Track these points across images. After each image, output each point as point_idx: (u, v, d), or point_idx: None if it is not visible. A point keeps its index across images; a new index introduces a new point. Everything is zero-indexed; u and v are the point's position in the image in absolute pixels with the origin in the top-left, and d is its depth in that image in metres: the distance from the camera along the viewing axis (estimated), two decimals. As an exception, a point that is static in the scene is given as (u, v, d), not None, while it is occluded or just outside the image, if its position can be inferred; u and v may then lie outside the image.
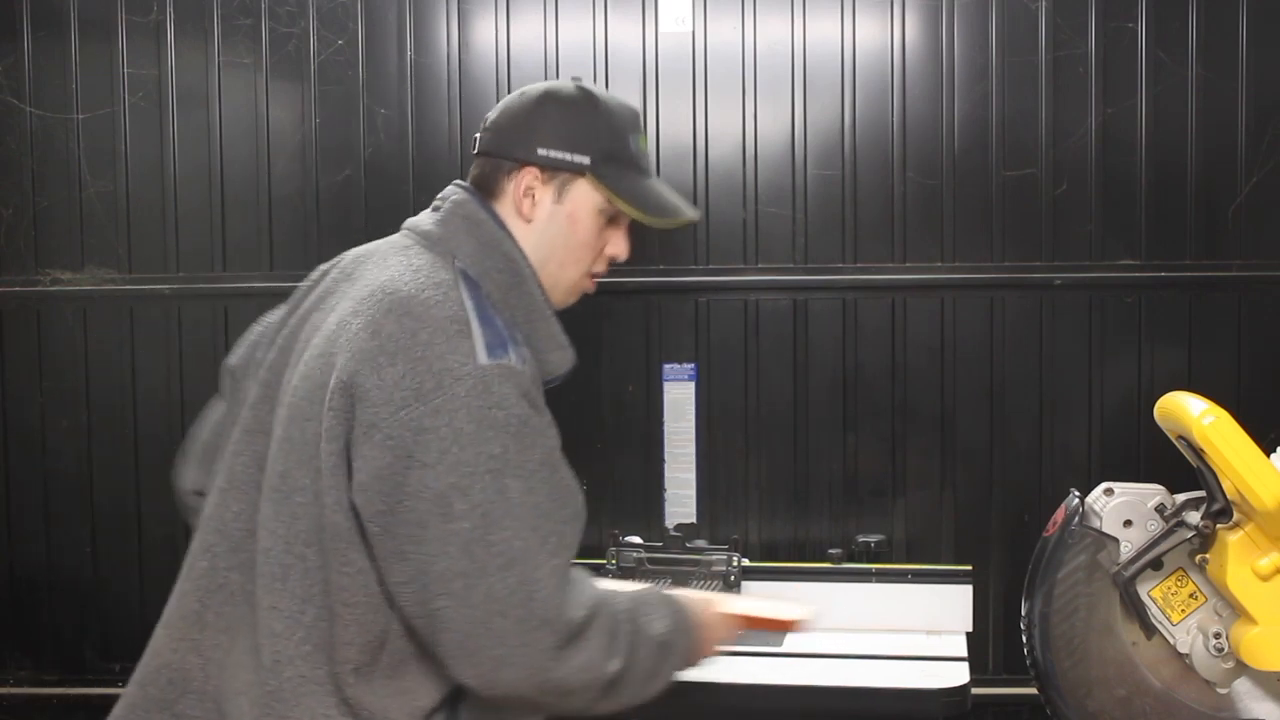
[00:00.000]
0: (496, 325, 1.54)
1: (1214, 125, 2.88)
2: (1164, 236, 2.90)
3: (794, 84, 2.98)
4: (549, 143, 1.68)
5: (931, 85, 2.94)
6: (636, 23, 3.00)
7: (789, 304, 2.99)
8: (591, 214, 1.70)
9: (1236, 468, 2.03)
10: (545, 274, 1.69)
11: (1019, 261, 2.93)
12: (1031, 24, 2.91)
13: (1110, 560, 2.20)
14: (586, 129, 1.70)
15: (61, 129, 3.08)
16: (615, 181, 1.69)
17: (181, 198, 3.07)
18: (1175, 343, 2.90)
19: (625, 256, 1.77)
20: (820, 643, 2.73)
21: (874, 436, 2.98)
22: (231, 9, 3.04)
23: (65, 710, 3.09)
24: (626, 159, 1.71)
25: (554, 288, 1.71)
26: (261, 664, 1.54)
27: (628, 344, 3.02)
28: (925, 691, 2.42)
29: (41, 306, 3.10)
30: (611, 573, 2.85)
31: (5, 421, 3.11)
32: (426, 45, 3.03)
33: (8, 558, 3.10)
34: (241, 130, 3.06)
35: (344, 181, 3.04)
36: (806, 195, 2.97)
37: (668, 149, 3.00)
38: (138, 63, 3.07)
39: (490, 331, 1.52)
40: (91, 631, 3.07)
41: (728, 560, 2.82)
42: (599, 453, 3.03)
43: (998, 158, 2.93)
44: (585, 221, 1.70)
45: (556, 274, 1.71)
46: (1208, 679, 2.21)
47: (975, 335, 2.95)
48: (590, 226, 1.71)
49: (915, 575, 2.84)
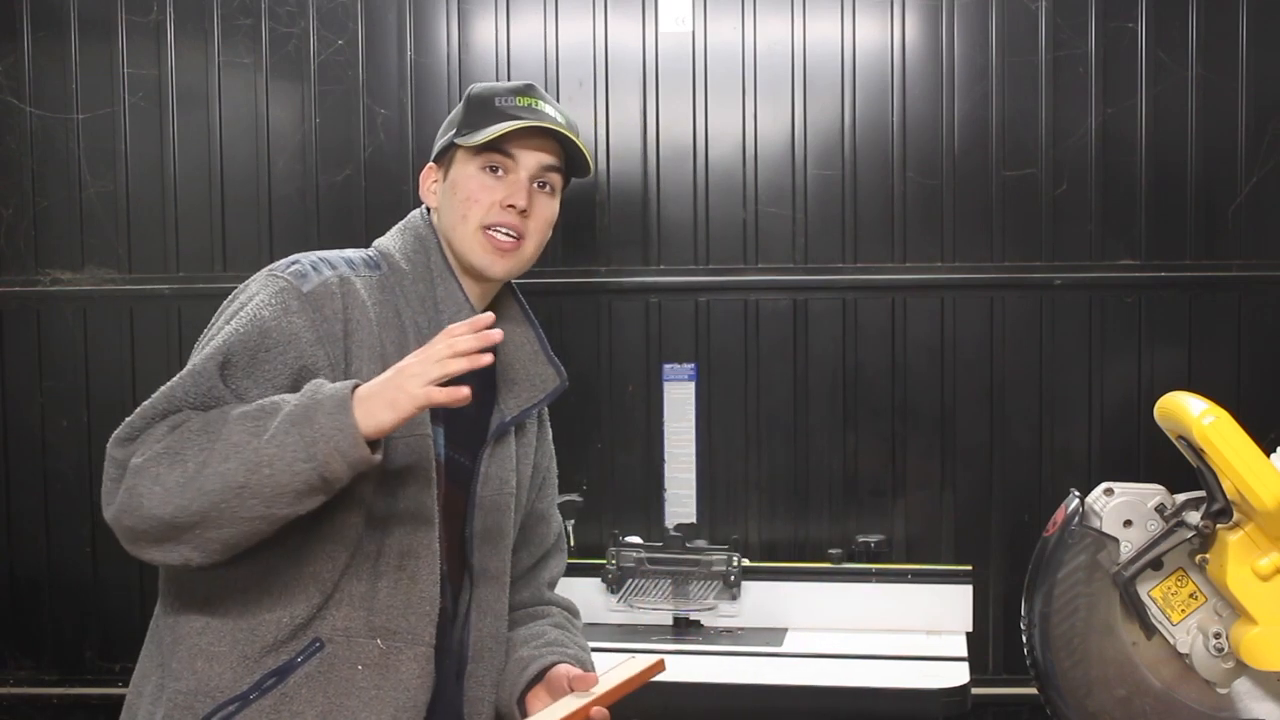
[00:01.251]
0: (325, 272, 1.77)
1: (1214, 125, 2.88)
2: (1164, 236, 2.90)
3: (794, 84, 2.98)
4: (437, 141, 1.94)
5: (931, 85, 2.94)
6: (636, 23, 3.00)
7: (789, 304, 2.99)
8: (464, 174, 1.86)
9: (1236, 468, 2.02)
10: (455, 238, 1.86)
11: (1019, 261, 2.93)
12: (1031, 24, 2.91)
13: (1110, 560, 2.20)
14: (458, 114, 1.91)
15: (61, 129, 3.08)
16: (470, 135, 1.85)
17: (181, 198, 3.07)
18: (1175, 343, 2.90)
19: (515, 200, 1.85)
20: (820, 643, 2.73)
21: (874, 436, 2.98)
22: (231, 9, 3.04)
23: (65, 710, 3.09)
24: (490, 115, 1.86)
25: (466, 249, 1.85)
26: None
27: (628, 344, 3.02)
28: (925, 691, 2.42)
29: (41, 306, 3.10)
30: (611, 573, 2.85)
31: (5, 421, 3.11)
32: (426, 45, 3.03)
33: (8, 558, 3.11)
34: (241, 130, 3.06)
35: (344, 181, 3.04)
36: (806, 195, 2.98)
37: (668, 149, 3.00)
38: (138, 63, 3.07)
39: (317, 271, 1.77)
40: (91, 631, 3.07)
41: (728, 560, 2.83)
42: (599, 453, 3.03)
43: (998, 158, 2.93)
44: (460, 182, 1.86)
45: (458, 235, 1.86)
46: (1208, 679, 2.20)
47: (975, 335, 2.95)
48: (466, 185, 1.85)
49: (915, 575, 2.85)
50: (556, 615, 2.04)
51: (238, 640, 1.70)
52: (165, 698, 1.72)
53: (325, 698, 1.70)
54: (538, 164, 1.87)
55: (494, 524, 1.90)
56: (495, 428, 1.89)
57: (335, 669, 1.71)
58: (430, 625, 1.76)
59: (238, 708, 1.69)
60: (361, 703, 1.71)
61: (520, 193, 1.85)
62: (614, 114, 3.01)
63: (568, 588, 2.78)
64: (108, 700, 3.02)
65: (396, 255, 1.86)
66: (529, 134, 1.85)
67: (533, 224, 1.87)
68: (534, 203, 1.87)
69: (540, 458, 2.04)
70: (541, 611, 2.03)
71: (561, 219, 3.13)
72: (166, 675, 1.74)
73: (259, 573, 1.71)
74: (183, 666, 1.72)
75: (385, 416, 1.57)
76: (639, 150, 3.01)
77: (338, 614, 1.71)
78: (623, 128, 3.01)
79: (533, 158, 1.86)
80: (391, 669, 1.73)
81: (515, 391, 1.92)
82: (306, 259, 1.79)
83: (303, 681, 1.70)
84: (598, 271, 3.01)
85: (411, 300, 1.82)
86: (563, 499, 2.94)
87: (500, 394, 1.91)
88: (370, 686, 1.72)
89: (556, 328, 3.03)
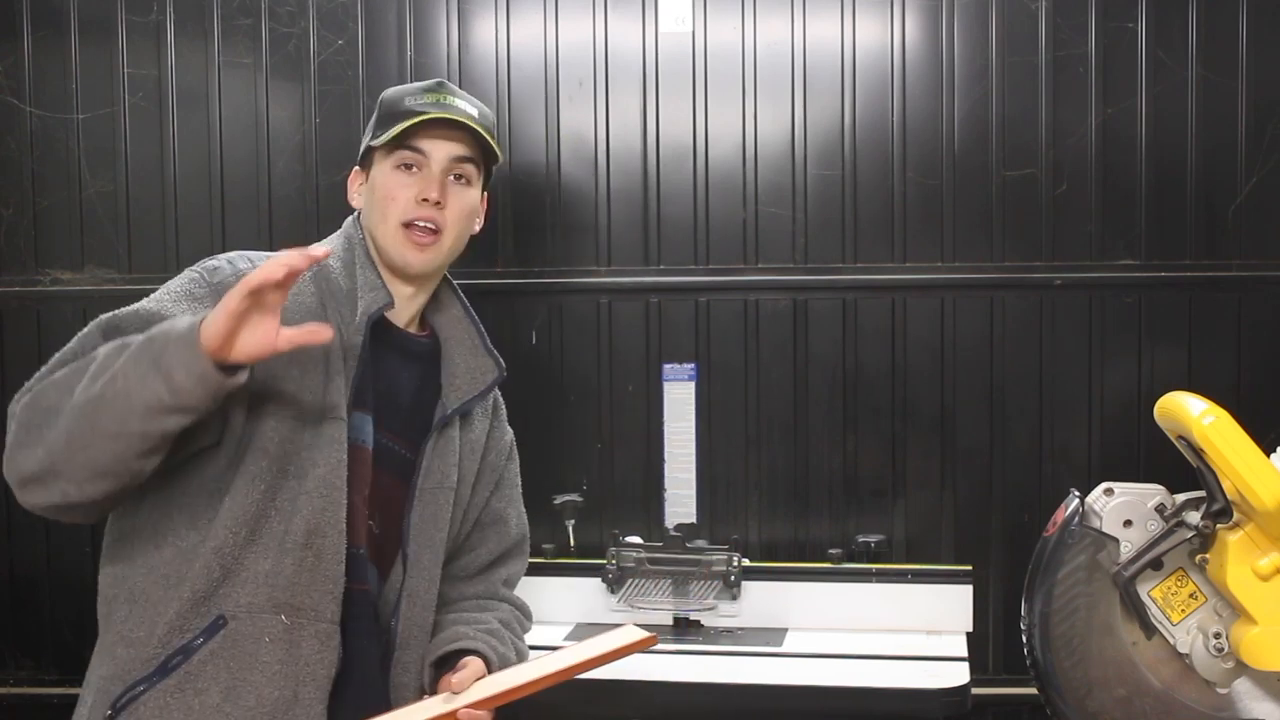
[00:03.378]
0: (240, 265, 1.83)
1: (1214, 125, 2.88)
2: (1164, 236, 2.90)
3: (794, 84, 2.98)
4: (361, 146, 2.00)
5: (931, 85, 2.94)
6: (636, 23, 3.00)
7: (789, 304, 2.99)
8: (381, 173, 1.93)
9: (1236, 468, 2.03)
10: (377, 236, 1.92)
11: (1019, 261, 2.93)
12: (1031, 24, 2.91)
13: (1110, 560, 2.20)
14: (373, 119, 1.97)
15: (61, 129, 3.08)
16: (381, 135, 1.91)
17: (181, 198, 3.07)
18: (1175, 343, 2.90)
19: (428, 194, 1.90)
20: (820, 643, 2.73)
21: (874, 436, 2.98)
22: (231, 9, 3.04)
23: (65, 710, 3.07)
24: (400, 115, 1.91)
25: (389, 246, 1.90)
26: None
27: (628, 344, 3.02)
28: (925, 691, 2.42)
29: (41, 306, 3.10)
30: (611, 573, 2.85)
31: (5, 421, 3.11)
32: (426, 45, 3.03)
33: (8, 558, 3.11)
34: (241, 130, 3.06)
35: (344, 181, 3.01)
36: (806, 195, 2.97)
37: (668, 149, 3.00)
38: (138, 63, 3.07)
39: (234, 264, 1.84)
40: (91, 631, 3.05)
41: (728, 560, 2.83)
42: (599, 453, 3.03)
43: (998, 158, 2.93)
44: (378, 182, 1.93)
45: (380, 232, 1.91)
46: (1208, 679, 2.21)
47: (975, 335, 2.95)
48: (383, 184, 1.92)
49: (915, 575, 2.85)
50: (505, 611, 2.06)
51: (151, 623, 1.76)
52: (93, 684, 1.83)
53: (229, 673, 1.75)
54: (447, 155, 1.91)
55: (431, 515, 1.94)
56: (437, 419, 1.94)
57: (239, 644, 1.75)
58: (334, 603, 1.80)
59: (145, 689, 1.75)
60: (265, 677, 1.75)
61: (433, 186, 1.89)
62: (614, 114, 3.01)
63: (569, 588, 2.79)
64: (108, 700, 3.02)
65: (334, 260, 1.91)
66: (438, 126, 1.90)
67: (450, 215, 1.91)
68: (449, 194, 1.91)
69: (493, 455, 2.07)
70: (492, 605, 2.06)
71: (562, 219, 3.14)
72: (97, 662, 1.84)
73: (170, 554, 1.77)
74: (107, 653, 1.82)
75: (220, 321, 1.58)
76: (639, 150, 3.01)
77: (242, 591, 1.75)
78: (623, 128, 3.01)
79: (442, 149, 1.91)
80: (295, 644, 1.77)
81: (456, 385, 1.97)
82: (227, 256, 1.87)
83: (207, 659, 1.74)
84: (598, 271, 3.01)
85: (337, 294, 1.87)
86: (563, 499, 2.96)
87: (444, 389, 1.96)
88: (274, 661, 1.76)
89: (556, 328, 3.03)
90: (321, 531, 1.78)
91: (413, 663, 1.93)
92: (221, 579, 1.75)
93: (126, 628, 1.79)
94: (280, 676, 1.76)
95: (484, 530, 2.08)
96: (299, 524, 1.77)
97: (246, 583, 1.75)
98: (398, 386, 1.93)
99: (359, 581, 1.86)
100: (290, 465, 1.78)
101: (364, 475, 1.85)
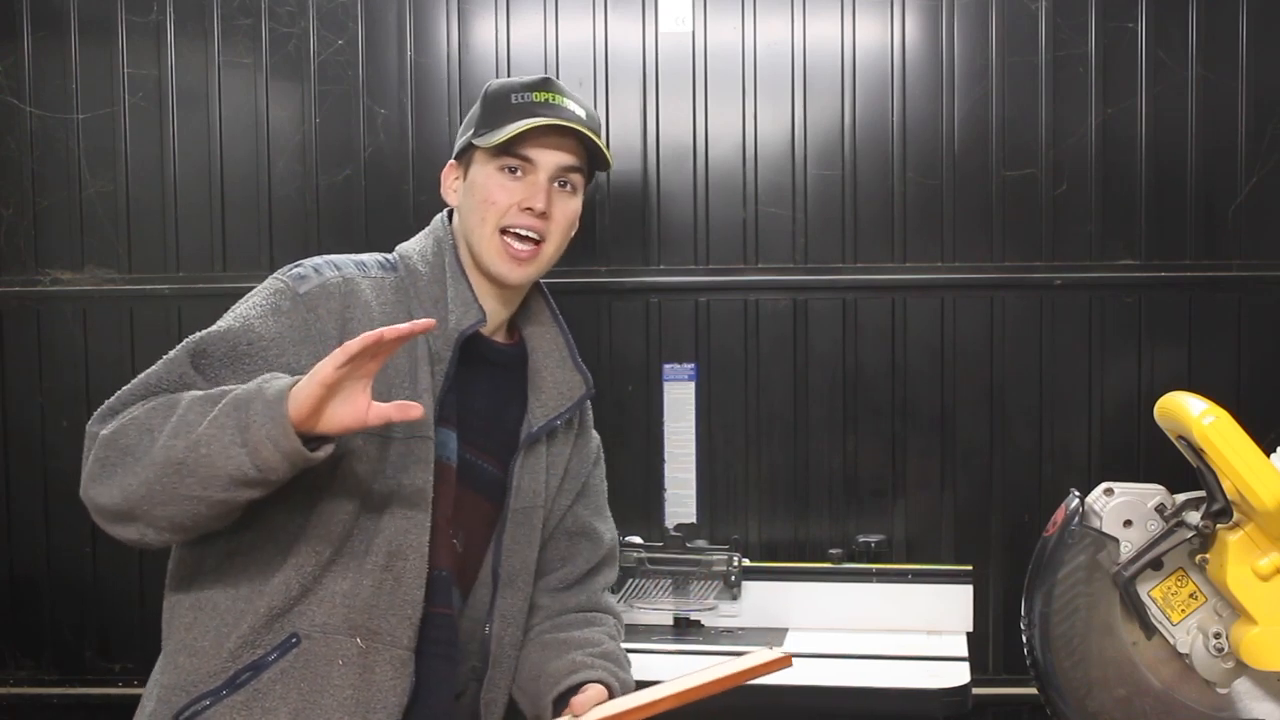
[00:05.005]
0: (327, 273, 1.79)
1: (1214, 125, 2.88)
2: (1164, 236, 2.90)
3: (794, 84, 2.98)
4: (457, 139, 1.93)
5: (931, 85, 2.94)
6: (636, 23, 3.00)
7: (789, 304, 2.99)
8: (482, 174, 1.83)
9: (1236, 468, 2.03)
10: (473, 240, 1.84)
11: (1019, 261, 2.93)
12: (1031, 24, 2.91)
13: (1110, 560, 2.20)
14: (475, 112, 1.87)
15: (61, 129, 3.08)
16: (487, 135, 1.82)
17: (181, 198, 3.07)
18: (1175, 343, 2.90)
19: (534, 203, 1.82)
20: (820, 643, 2.73)
21: (874, 436, 2.98)
22: (231, 9, 3.04)
23: (65, 710, 3.09)
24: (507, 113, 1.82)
25: (484, 252, 1.83)
26: None
27: (628, 344, 3.02)
28: (926, 691, 2.42)
29: (41, 306, 3.10)
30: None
31: (5, 421, 3.11)
32: (426, 45, 3.03)
33: (8, 558, 3.10)
34: (241, 130, 3.06)
35: (344, 181, 3.04)
36: (806, 195, 2.98)
37: (668, 149, 3.00)
38: (138, 63, 3.07)
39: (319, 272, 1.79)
40: (91, 631, 3.07)
41: (728, 560, 2.83)
42: (599, 453, 3.03)
43: (998, 158, 2.93)
44: (479, 183, 1.83)
45: (477, 236, 1.83)
46: (1208, 679, 2.21)
47: (975, 335, 2.95)
48: (484, 186, 1.82)
49: (915, 575, 2.85)
50: (610, 625, 2.02)
51: (219, 635, 1.70)
52: (156, 691, 1.75)
53: (299, 695, 1.69)
54: (556, 165, 1.84)
55: (525, 536, 1.90)
56: (524, 438, 1.88)
57: (311, 665, 1.70)
58: (411, 629, 1.75)
59: (211, 703, 1.69)
60: (336, 702, 1.70)
61: (539, 195, 1.82)
62: (614, 114, 3.01)
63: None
64: (108, 700, 3.02)
65: (415, 258, 1.86)
66: (546, 133, 1.81)
67: (553, 225, 1.84)
68: (554, 203, 1.84)
69: (577, 464, 2.02)
70: (596, 619, 2.02)
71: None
72: (161, 668, 1.76)
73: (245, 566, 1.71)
74: (169, 661, 1.74)
75: (313, 391, 1.53)
76: (639, 150, 3.01)
77: (318, 610, 1.70)
78: (623, 128, 3.01)
79: (551, 158, 1.83)
80: (368, 669, 1.72)
81: (542, 400, 1.91)
82: (311, 262, 1.80)
83: (277, 678, 1.69)
84: (598, 271, 3.01)
85: (425, 302, 1.81)
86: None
87: (530, 404, 1.90)
88: (346, 685, 1.70)
89: (556, 328, 3.03)
90: (403, 554, 1.73)
91: (501, 679, 1.89)
92: (299, 596, 1.70)
93: (191, 636, 1.73)
94: (351, 702, 1.70)
95: (574, 540, 2.03)
96: (380, 545, 1.72)
97: (323, 602, 1.70)
98: (482, 398, 1.87)
99: (440, 605, 1.81)
100: (375, 484, 1.72)
101: (448, 494, 1.80)
